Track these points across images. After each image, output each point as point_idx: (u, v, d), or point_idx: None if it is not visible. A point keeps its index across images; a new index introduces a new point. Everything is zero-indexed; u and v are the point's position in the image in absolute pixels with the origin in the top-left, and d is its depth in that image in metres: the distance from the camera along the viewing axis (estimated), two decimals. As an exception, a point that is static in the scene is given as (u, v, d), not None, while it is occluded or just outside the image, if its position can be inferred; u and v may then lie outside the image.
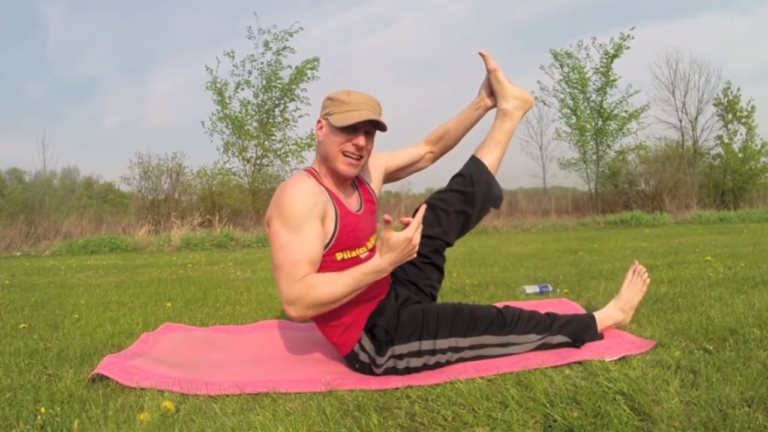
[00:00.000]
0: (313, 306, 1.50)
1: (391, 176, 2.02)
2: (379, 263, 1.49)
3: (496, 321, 1.64)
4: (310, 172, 1.67)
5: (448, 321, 1.62)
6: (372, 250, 1.72)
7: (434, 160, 2.09)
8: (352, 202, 1.73)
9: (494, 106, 1.96)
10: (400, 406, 1.29)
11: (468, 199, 1.81)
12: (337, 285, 1.50)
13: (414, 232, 1.48)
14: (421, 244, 1.77)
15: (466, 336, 1.60)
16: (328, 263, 1.59)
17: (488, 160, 1.86)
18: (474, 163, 1.86)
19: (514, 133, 1.93)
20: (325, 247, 1.58)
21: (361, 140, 1.63)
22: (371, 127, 1.65)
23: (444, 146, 2.05)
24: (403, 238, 1.46)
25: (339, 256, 1.62)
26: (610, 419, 1.11)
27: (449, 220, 1.81)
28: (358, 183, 1.81)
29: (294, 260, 1.50)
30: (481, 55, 1.93)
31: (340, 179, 1.69)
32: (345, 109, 1.61)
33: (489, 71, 1.94)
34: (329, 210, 1.60)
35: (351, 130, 1.61)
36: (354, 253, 1.65)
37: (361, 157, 1.65)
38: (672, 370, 1.37)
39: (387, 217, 1.43)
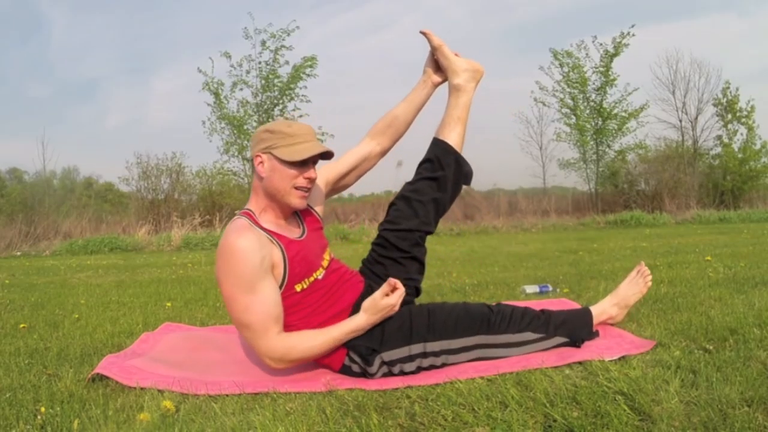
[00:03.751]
0: (295, 361, 1.56)
1: (337, 186, 1.90)
2: (360, 324, 1.56)
3: (488, 320, 1.61)
4: (247, 215, 1.58)
5: (437, 323, 1.59)
6: (328, 268, 1.67)
7: (384, 153, 1.95)
8: (294, 230, 1.66)
9: (443, 81, 1.92)
10: (400, 406, 1.29)
11: (440, 183, 1.77)
12: (317, 343, 1.55)
13: (397, 300, 1.55)
14: (401, 238, 1.75)
15: (456, 337, 1.58)
16: (289, 298, 1.56)
17: (452, 139, 1.80)
18: (438, 145, 1.81)
19: (471, 108, 1.87)
20: (281, 287, 1.54)
21: (313, 173, 1.59)
22: (318, 157, 1.61)
23: (394, 133, 1.93)
24: (389, 305, 1.55)
25: (298, 287, 1.58)
26: (610, 419, 1.11)
27: (426, 210, 1.76)
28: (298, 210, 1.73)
29: (261, 320, 1.50)
30: (423, 33, 1.89)
31: (285, 212, 1.64)
32: (291, 142, 1.55)
33: (434, 48, 1.89)
34: (275, 255, 1.54)
35: (302, 163, 1.56)
36: (311, 279, 1.61)
37: (309, 189, 1.62)
38: (672, 370, 1.37)
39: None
